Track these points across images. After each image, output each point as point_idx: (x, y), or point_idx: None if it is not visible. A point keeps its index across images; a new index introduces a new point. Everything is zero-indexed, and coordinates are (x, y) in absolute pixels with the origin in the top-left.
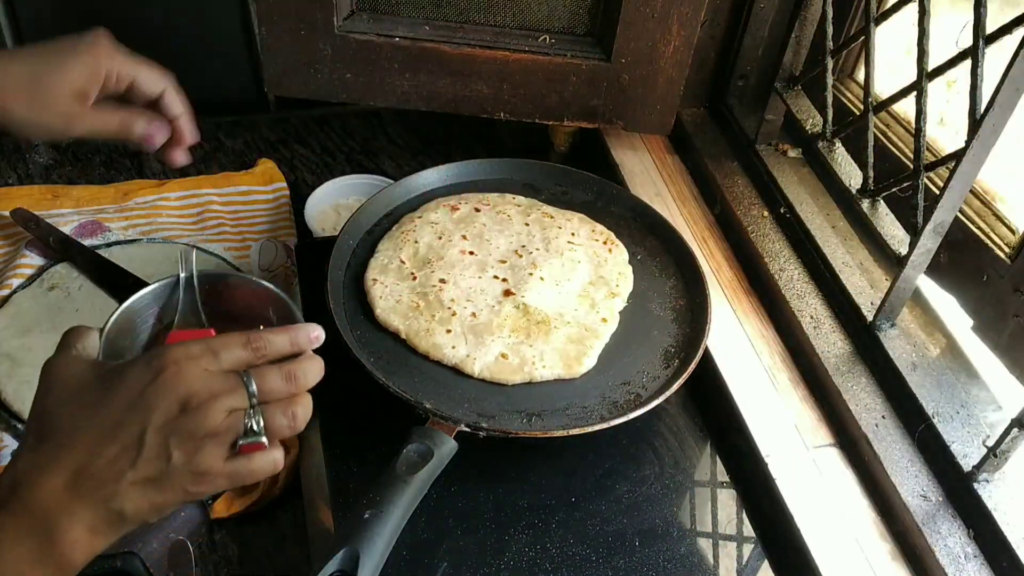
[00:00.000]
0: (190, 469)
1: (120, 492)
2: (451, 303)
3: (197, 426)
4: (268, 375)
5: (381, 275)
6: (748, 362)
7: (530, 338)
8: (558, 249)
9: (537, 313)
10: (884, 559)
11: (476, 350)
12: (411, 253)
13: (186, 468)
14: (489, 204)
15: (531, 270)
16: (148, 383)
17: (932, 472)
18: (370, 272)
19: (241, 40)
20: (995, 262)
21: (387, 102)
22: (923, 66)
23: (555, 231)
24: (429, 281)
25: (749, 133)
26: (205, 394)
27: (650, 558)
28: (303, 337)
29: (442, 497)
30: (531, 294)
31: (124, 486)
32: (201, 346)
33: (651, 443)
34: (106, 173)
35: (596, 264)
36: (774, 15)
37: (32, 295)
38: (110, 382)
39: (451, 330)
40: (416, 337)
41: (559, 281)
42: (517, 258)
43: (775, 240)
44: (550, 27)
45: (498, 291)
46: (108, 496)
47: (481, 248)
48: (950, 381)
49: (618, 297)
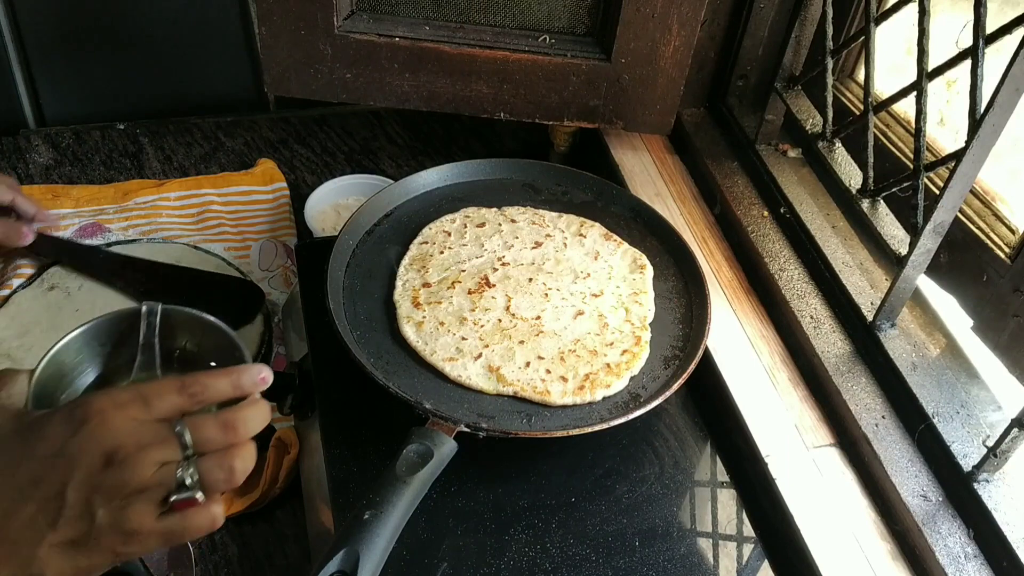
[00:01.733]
0: (117, 529)
1: (39, 557)
2: (482, 327)
3: (123, 482)
4: (204, 424)
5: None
6: (748, 362)
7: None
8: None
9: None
10: (884, 559)
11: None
12: (441, 274)
13: (113, 528)
14: (520, 220)
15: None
16: (70, 435)
17: (932, 472)
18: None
19: (241, 40)
20: (995, 262)
21: (387, 102)
22: (923, 66)
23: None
24: (464, 308)
25: (749, 133)
26: (132, 446)
27: (650, 558)
28: (247, 379)
29: (442, 497)
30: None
31: (44, 550)
32: (130, 393)
33: (651, 443)
34: (106, 173)
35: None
36: (774, 15)
37: (32, 295)
38: (30, 434)
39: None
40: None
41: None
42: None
43: (775, 240)
44: (550, 27)
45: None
46: (25, 561)
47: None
48: (950, 381)
49: (643, 330)
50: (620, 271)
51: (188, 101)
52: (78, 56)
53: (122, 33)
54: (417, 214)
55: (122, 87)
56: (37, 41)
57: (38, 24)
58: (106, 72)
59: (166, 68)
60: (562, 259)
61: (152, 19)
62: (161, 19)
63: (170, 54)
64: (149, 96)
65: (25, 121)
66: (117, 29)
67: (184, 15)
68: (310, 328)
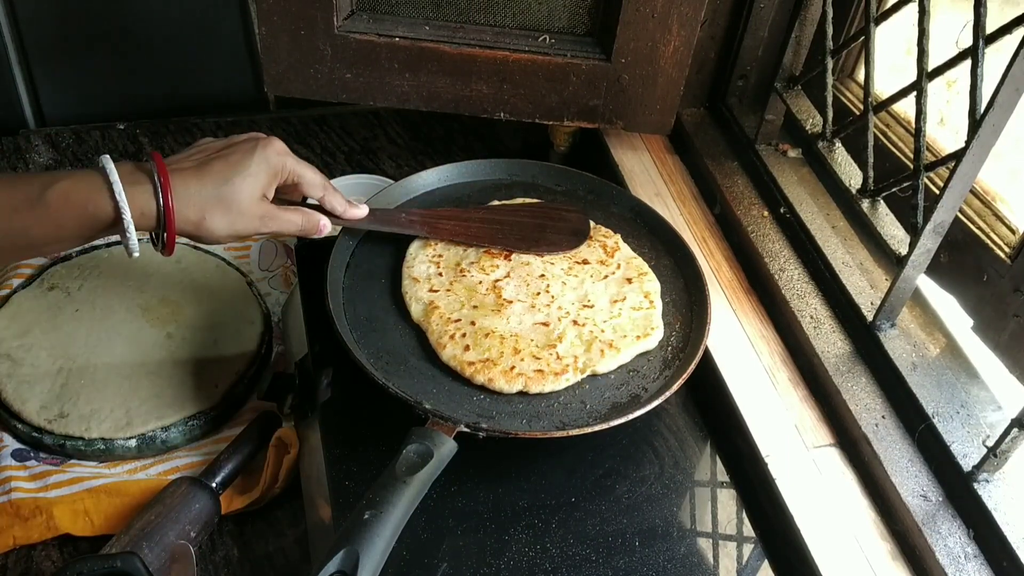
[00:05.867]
0: None
1: None
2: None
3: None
4: None
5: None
6: (748, 362)
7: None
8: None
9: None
10: (884, 559)
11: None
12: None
13: None
14: None
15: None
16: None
17: (932, 472)
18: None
19: (241, 40)
20: (995, 262)
21: (387, 102)
22: (923, 66)
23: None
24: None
25: (749, 133)
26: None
27: (650, 558)
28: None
29: (442, 497)
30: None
31: None
32: None
33: (651, 443)
34: None
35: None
36: (774, 15)
37: (32, 295)
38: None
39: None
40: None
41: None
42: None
43: (775, 240)
44: (550, 27)
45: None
46: None
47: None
48: (950, 381)
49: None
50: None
51: (188, 101)
52: (78, 56)
53: (122, 33)
54: None
55: (122, 87)
56: (37, 41)
57: (38, 24)
58: (106, 72)
59: (166, 68)
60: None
61: (152, 19)
62: (161, 19)
63: (170, 54)
64: (149, 96)
65: (25, 121)
66: (117, 29)
67: (184, 15)
68: (310, 328)
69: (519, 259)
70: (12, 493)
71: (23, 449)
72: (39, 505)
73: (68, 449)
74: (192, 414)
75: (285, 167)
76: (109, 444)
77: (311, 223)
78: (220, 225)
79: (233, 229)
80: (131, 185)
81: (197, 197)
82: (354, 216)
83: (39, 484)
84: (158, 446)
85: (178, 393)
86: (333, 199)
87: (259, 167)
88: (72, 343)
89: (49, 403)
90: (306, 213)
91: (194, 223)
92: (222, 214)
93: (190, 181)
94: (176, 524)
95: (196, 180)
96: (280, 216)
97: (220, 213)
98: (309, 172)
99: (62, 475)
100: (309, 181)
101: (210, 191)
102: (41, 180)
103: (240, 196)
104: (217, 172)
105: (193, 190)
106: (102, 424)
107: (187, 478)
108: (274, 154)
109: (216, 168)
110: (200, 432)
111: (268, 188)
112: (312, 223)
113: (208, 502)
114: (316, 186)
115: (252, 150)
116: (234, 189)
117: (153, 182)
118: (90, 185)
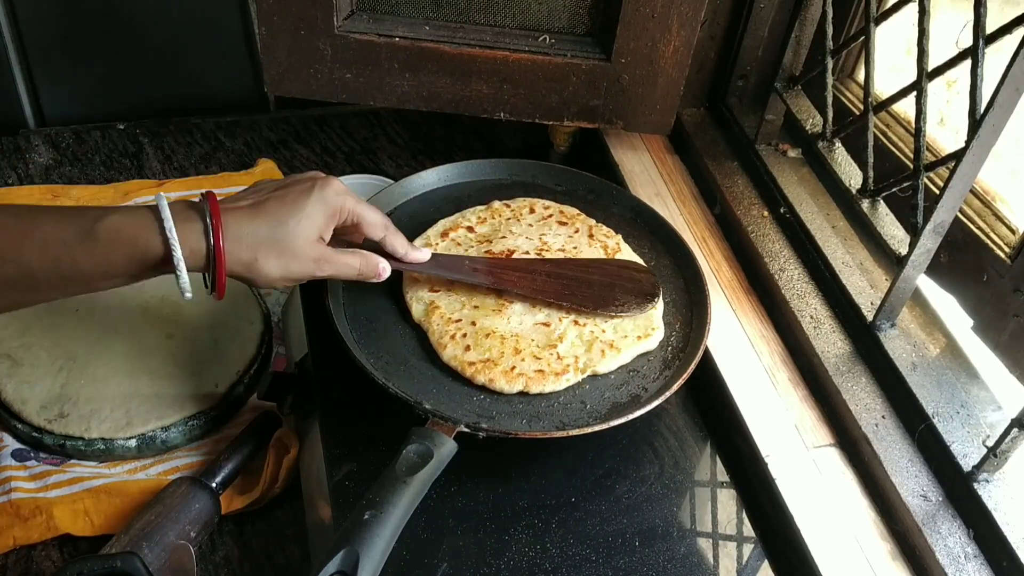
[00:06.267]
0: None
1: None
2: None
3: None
4: None
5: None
6: (748, 362)
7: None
8: None
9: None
10: (884, 559)
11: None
12: None
13: None
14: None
15: None
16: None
17: (932, 472)
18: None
19: (241, 40)
20: (995, 262)
21: (387, 102)
22: (923, 66)
23: None
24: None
25: (749, 133)
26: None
27: (650, 558)
28: None
29: (442, 497)
30: None
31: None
32: None
33: (651, 443)
34: (106, 173)
35: None
36: (774, 15)
37: None
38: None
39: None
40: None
41: None
42: None
43: (775, 240)
44: (550, 27)
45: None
46: None
47: None
48: (950, 381)
49: None
50: None
51: (188, 101)
52: (78, 56)
53: (122, 33)
54: (417, 214)
55: (122, 87)
56: (37, 41)
57: (38, 24)
58: (106, 72)
59: (166, 68)
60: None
61: (152, 19)
62: (161, 19)
63: (170, 54)
64: (149, 96)
65: (25, 121)
66: (117, 29)
67: (184, 15)
68: (310, 328)
69: None
70: (12, 493)
71: (23, 449)
72: (39, 505)
73: (68, 449)
74: (192, 414)
75: (344, 208)
76: (109, 444)
77: (370, 267)
78: (273, 268)
79: (287, 272)
80: (182, 223)
81: (250, 238)
82: (415, 259)
83: (39, 484)
84: (158, 446)
85: (178, 393)
86: (395, 241)
87: (316, 208)
88: (72, 343)
89: (49, 403)
90: (364, 256)
91: (246, 264)
92: (276, 256)
93: (243, 221)
94: (176, 524)
95: (249, 220)
96: (336, 260)
97: (274, 255)
98: (370, 212)
99: (62, 475)
100: (369, 221)
101: (264, 232)
102: (93, 213)
103: (295, 238)
104: (272, 212)
105: (246, 230)
106: (102, 424)
107: (187, 478)
108: (332, 194)
109: (271, 208)
110: (200, 432)
111: (325, 230)
112: (371, 267)
113: (208, 502)
114: (377, 226)
115: (309, 190)
116: (289, 231)
117: (204, 221)
118: (141, 220)
